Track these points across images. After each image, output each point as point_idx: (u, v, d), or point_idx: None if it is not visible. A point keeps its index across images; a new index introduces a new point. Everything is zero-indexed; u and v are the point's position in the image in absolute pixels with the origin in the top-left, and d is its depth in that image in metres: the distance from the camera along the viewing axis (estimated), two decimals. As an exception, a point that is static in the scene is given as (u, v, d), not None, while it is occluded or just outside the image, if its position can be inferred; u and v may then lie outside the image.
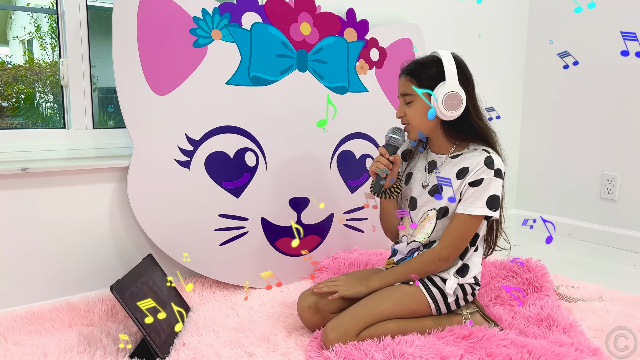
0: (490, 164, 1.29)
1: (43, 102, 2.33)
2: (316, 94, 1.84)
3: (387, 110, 2.02)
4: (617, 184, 2.40)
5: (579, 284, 1.84)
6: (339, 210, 1.94)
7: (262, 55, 1.71)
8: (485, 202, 1.29)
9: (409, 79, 1.34)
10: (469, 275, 1.35)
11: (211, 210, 1.67)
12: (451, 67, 1.29)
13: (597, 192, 2.48)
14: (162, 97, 1.57)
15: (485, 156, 1.30)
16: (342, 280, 1.38)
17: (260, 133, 1.74)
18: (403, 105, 1.37)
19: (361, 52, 1.93)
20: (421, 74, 1.32)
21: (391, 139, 1.40)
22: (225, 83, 1.66)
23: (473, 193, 1.30)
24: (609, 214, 2.44)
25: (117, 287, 1.30)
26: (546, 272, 1.69)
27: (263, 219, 1.77)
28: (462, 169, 1.32)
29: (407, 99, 1.35)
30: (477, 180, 1.29)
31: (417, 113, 1.34)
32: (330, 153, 1.90)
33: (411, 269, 1.34)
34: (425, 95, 1.30)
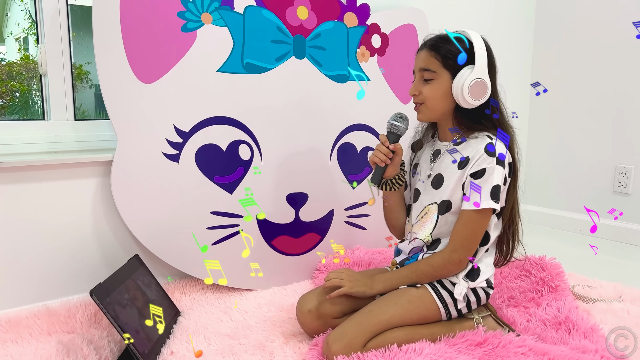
0: (492, 153, 1.18)
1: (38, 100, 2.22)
2: (314, 82, 1.73)
3: (390, 100, 1.90)
4: (631, 177, 2.29)
5: (595, 282, 1.73)
6: (339, 206, 1.82)
7: (256, 41, 1.60)
8: (490, 194, 1.17)
9: (433, 55, 1.21)
10: (480, 278, 1.24)
11: (202, 207, 1.56)
12: (482, 51, 1.20)
13: (610, 185, 2.36)
14: (148, 85, 1.46)
15: (487, 143, 1.19)
16: (347, 275, 1.26)
17: (255, 124, 1.62)
18: (419, 82, 1.25)
19: (362, 39, 1.82)
20: (448, 52, 1.20)
21: (392, 126, 1.29)
22: (217, 70, 1.55)
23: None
24: (623, 208, 2.33)
25: (97, 292, 1.19)
26: (561, 270, 1.58)
27: (258, 216, 1.66)
28: (463, 161, 1.22)
29: (426, 75, 1.23)
30: (478, 171, 1.18)
31: (437, 93, 1.22)
32: (330, 146, 1.79)
33: (420, 272, 1.23)
34: (448, 75, 1.20)
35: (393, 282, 1.25)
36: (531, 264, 1.61)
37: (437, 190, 1.26)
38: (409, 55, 1.94)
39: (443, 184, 1.25)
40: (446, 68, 1.21)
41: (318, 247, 1.78)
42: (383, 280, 1.26)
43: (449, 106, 1.24)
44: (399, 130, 1.28)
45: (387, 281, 1.25)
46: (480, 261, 1.25)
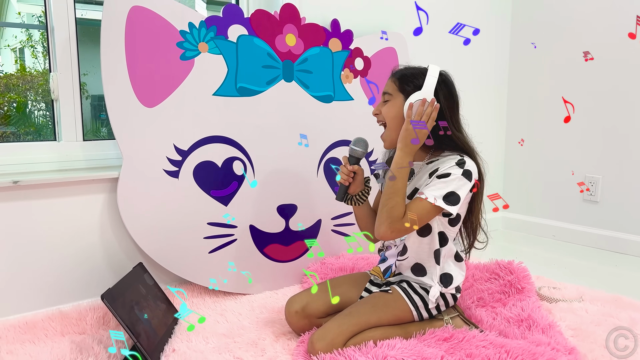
0: (462, 164, 1.30)
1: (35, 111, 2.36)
2: (302, 103, 1.88)
3: (372, 118, 2.06)
4: (599, 186, 2.46)
5: (560, 284, 1.88)
6: (326, 215, 1.98)
7: (249, 67, 1.76)
8: (444, 194, 1.27)
9: (393, 80, 1.39)
10: (452, 285, 1.39)
11: (200, 218, 1.71)
12: (432, 78, 1.33)
13: (580, 194, 2.53)
14: (151, 109, 1.61)
15: (458, 159, 1.31)
16: (406, 127, 1.31)
17: (248, 142, 1.78)
18: (381, 103, 1.42)
19: (346, 62, 1.98)
20: (407, 79, 1.36)
21: (351, 150, 1.45)
22: (213, 94, 1.70)
23: (436, 183, 1.29)
24: (592, 215, 2.50)
25: (108, 296, 1.33)
26: (527, 273, 1.73)
27: (251, 226, 1.81)
28: (435, 170, 1.34)
29: (385, 97, 1.40)
30: (444, 173, 1.29)
31: (391, 112, 1.37)
32: (317, 161, 1.95)
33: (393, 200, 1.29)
34: (402, 97, 1.35)
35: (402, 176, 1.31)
36: (500, 268, 1.76)
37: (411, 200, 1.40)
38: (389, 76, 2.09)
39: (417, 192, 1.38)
40: (401, 92, 1.36)
41: (306, 254, 1.94)
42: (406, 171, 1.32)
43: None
44: (357, 153, 1.44)
45: (404, 173, 1.31)
46: (451, 270, 1.40)
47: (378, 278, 1.48)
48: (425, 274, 1.39)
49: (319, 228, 1.97)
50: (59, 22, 1.62)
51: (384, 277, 1.46)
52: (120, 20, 1.53)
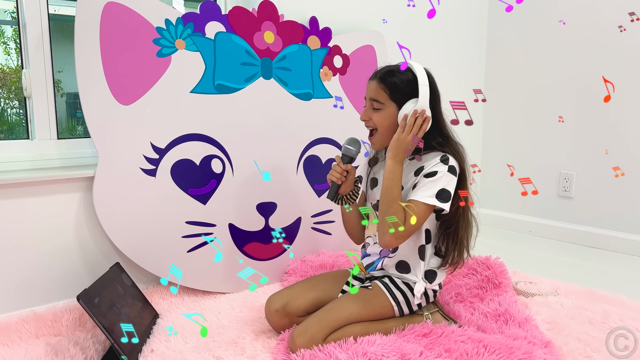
0: (445, 160, 1.32)
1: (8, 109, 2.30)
2: (281, 100, 1.88)
3: (352, 115, 2.07)
4: (573, 182, 2.51)
5: (536, 279, 1.92)
6: (306, 213, 1.98)
7: (227, 64, 1.74)
8: (435, 193, 1.29)
9: (382, 87, 1.35)
10: (436, 281, 1.41)
11: (178, 217, 1.69)
12: (425, 87, 1.32)
13: (555, 190, 2.58)
14: (127, 106, 1.58)
15: (442, 155, 1.34)
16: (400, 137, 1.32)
17: (226, 140, 1.77)
18: (369, 109, 1.38)
19: (325, 59, 1.98)
20: (398, 88, 1.34)
21: (346, 150, 1.45)
22: (190, 91, 1.69)
23: (426, 183, 1.30)
24: (567, 211, 2.55)
25: (84, 296, 1.31)
26: (504, 269, 1.76)
27: (231, 225, 1.80)
28: (420, 168, 1.35)
29: (375, 105, 1.37)
30: (431, 172, 1.31)
31: (385, 122, 1.36)
32: (297, 158, 1.94)
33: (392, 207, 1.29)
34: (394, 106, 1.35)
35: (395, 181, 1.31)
36: (477, 264, 1.79)
37: None
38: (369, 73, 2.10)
39: (403, 189, 1.38)
40: (393, 100, 1.35)
41: (286, 252, 1.93)
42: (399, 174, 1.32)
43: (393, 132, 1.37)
44: (352, 153, 1.44)
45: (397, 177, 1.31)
46: (434, 265, 1.41)
47: (361, 273, 1.48)
48: (409, 271, 1.40)
49: (299, 226, 1.97)
50: (31, 18, 1.58)
51: (367, 271, 1.47)
52: (95, 17, 1.50)
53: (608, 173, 2.39)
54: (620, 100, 2.31)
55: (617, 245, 2.36)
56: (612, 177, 2.37)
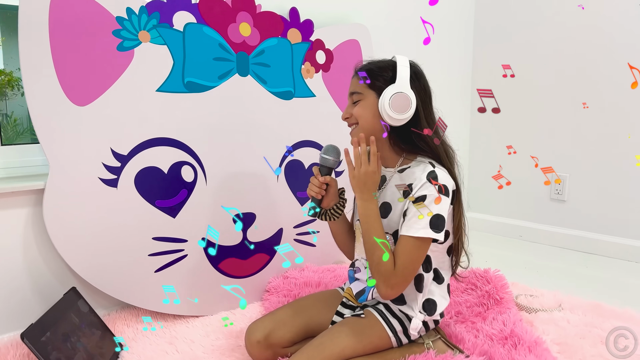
0: (434, 179, 1.12)
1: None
2: (259, 100, 1.69)
3: (336, 115, 1.90)
4: (566, 185, 2.40)
5: (536, 291, 1.79)
6: (288, 224, 1.80)
7: (198, 59, 1.55)
8: (429, 222, 1.10)
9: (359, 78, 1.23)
10: (436, 312, 1.23)
11: (143, 233, 1.49)
12: (405, 69, 1.17)
13: (547, 193, 2.47)
14: (82, 107, 1.38)
15: (429, 171, 1.14)
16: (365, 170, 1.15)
17: (198, 144, 1.57)
18: (350, 105, 1.24)
19: (306, 55, 1.80)
20: (376, 74, 1.20)
21: (322, 160, 1.27)
22: (156, 90, 1.49)
23: (417, 213, 1.11)
24: (559, 214, 2.44)
25: (30, 334, 1.12)
26: (505, 282, 1.63)
27: (204, 239, 1.60)
28: (408, 186, 1.18)
29: (354, 97, 1.22)
30: (420, 197, 1.12)
31: (365, 111, 1.20)
32: (277, 163, 1.76)
33: (376, 256, 1.13)
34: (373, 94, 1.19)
35: (372, 224, 1.15)
36: (477, 277, 1.65)
37: (386, 219, 1.22)
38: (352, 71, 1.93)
39: (390, 212, 1.22)
40: (371, 88, 1.20)
41: (267, 267, 1.75)
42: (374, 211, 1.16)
43: (379, 126, 1.20)
44: (329, 163, 1.27)
45: (373, 215, 1.16)
46: (433, 294, 1.24)
47: (350, 300, 1.31)
48: (404, 303, 1.22)
49: (280, 238, 1.79)
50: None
51: (357, 301, 1.29)
52: (43, 5, 1.29)
53: (603, 175, 2.28)
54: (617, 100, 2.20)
55: (612, 251, 2.25)
56: (608, 179, 2.26)
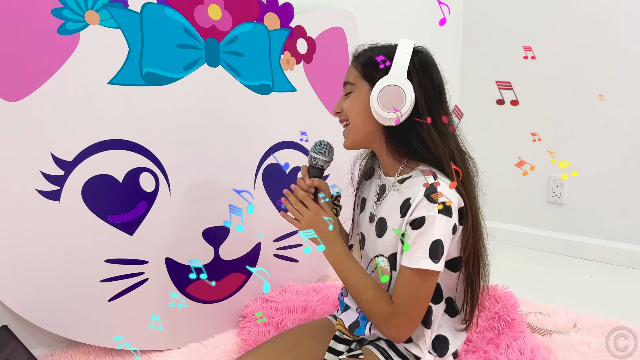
0: (433, 194, 0.91)
1: None
2: (232, 94, 1.46)
3: (320, 113, 1.68)
4: (565, 187, 2.23)
5: (546, 308, 1.61)
6: (267, 237, 1.57)
7: (159, 46, 1.30)
8: (428, 251, 0.90)
9: (354, 65, 1.03)
10: (449, 351, 1.02)
11: (94, 255, 1.24)
12: (404, 55, 0.96)
13: (544, 195, 2.30)
14: (14, 103, 1.12)
15: (430, 184, 0.92)
16: (309, 215, 1.01)
17: (160, 147, 1.33)
18: (342, 98, 1.05)
19: (286, 43, 1.57)
20: (367, 60, 1.00)
21: (311, 158, 1.07)
22: (108, 83, 1.24)
23: (416, 238, 0.91)
24: (557, 218, 2.27)
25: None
26: (515, 301, 1.44)
27: (168, 260, 1.36)
28: (405, 201, 0.97)
29: (347, 88, 1.03)
30: (417, 219, 0.92)
31: (355, 105, 1.00)
32: (254, 168, 1.53)
33: (362, 298, 0.98)
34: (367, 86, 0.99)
35: (344, 267, 1.00)
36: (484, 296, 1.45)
37: (381, 239, 1.01)
38: (338, 62, 1.72)
39: (386, 231, 1.01)
40: (365, 78, 1.00)
41: (243, 288, 1.52)
42: (341, 253, 1.01)
43: (374, 126, 1.00)
44: (318, 162, 1.05)
45: (342, 259, 1.00)
46: (443, 328, 1.03)
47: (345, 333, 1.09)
48: (411, 340, 1.00)
49: (258, 254, 1.55)
50: None
51: (352, 334, 1.07)
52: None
53: (604, 175, 2.12)
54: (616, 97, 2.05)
55: (616, 258, 2.10)
56: (609, 181, 2.11)
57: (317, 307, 1.39)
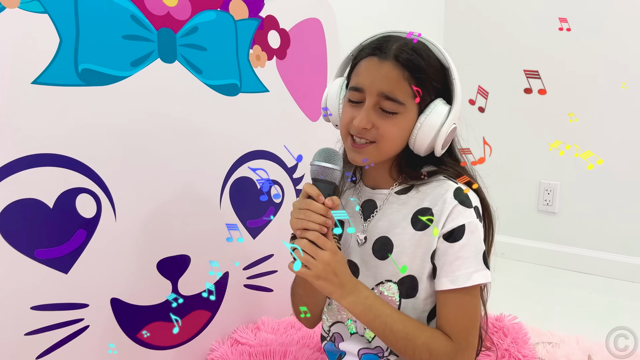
0: (465, 199, 0.84)
1: None
2: (192, 96, 1.22)
3: (296, 116, 1.45)
4: (557, 194, 2.08)
5: (553, 335, 1.45)
6: (236, 266, 1.33)
7: (99, 37, 1.05)
8: (481, 261, 0.83)
9: (407, 77, 0.81)
10: None
11: (17, 302, 0.97)
12: (458, 81, 0.86)
13: (535, 204, 2.14)
14: None
15: (454, 188, 0.85)
16: (323, 259, 0.77)
17: (102, 162, 1.07)
18: (373, 110, 0.82)
19: (255, 36, 1.34)
20: (427, 77, 0.83)
21: (322, 171, 0.82)
22: (32, 82, 0.97)
23: (458, 252, 0.82)
24: (549, 229, 2.12)
25: None
26: (525, 333, 1.27)
27: (115, 301, 1.11)
28: (419, 211, 0.85)
29: (387, 105, 0.81)
30: (455, 229, 0.82)
31: (399, 131, 0.83)
32: (219, 184, 1.29)
33: (419, 347, 0.81)
34: (415, 108, 0.84)
35: (382, 313, 0.81)
36: (490, 329, 1.26)
37: (386, 261, 0.87)
38: (315, 58, 1.51)
39: (393, 251, 0.86)
40: (414, 99, 0.82)
41: (208, 328, 1.28)
42: (370, 297, 0.82)
43: (400, 150, 0.88)
44: (333, 176, 0.83)
45: (374, 304, 0.82)
46: None
47: None
48: None
49: (225, 285, 1.31)
50: None
51: None
52: None
53: (599, 183, 1.97)
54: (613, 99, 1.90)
55: (613, 271, 1.96)
56: (604, 189, 1.96)
57: (299, 354, 1.15)
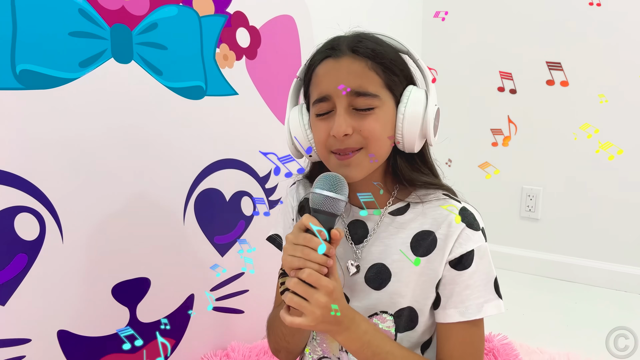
0: (473, 221, 0.75)
1: None
2: (151, 100, 1.09)
3: (267, 121, 1.34)
4: (539, 200, 2.02)
5: (543, 353, 1.38)
6: (202, 287, 1.21)
7: (41, 33, 0.92)
8: (493, 290, 0.76)
9: (371, 67, 0.72)
10: None
11: (-60, 341, 0.84)
12: (423, 62, 0.77)
13: (517, 210, 2.07)
14: None
15: (459, 208, 0.75)
16: (319, 300, 0.65)
17: (46, 177, 0.94)
18: (347, 113, 0.71)
19: (222, 33, 1.23)
20: (391, 63, 0.74)
21: (327, 202, 0.69)
22: (-41, 85, 0.84)
23: (468, 281, 0.74)
24: (532, 235, 2.06)
25: None
26: (517, 354, 1.19)
27: (62, 333, 0.97)
28: (420, 235, 0.75)
29: (360, 102, 0.71)
30: (463, 255, 0.73)
31: (384, 126, 0.73)
32: (183, 199, 1.17)
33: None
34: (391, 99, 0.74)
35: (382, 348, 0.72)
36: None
37: (381, 291, 0.77)
38: (288, 58, 1.40)
39: (391, 280, 0.76)
40: (388, 88, 0.73)
41: (172, 356, 1.15)
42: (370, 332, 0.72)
43: (389, 150, 0.76)
44: (337, 207, 0.70)
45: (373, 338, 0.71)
46: None
47: None
48: None
49: (190, 308, 1.19)
50: None
51: None
52: None
53: (582, 189, 1.92)
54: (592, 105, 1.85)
55: (596, 279, 1.91)
56: (588, 194, 1.91)
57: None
